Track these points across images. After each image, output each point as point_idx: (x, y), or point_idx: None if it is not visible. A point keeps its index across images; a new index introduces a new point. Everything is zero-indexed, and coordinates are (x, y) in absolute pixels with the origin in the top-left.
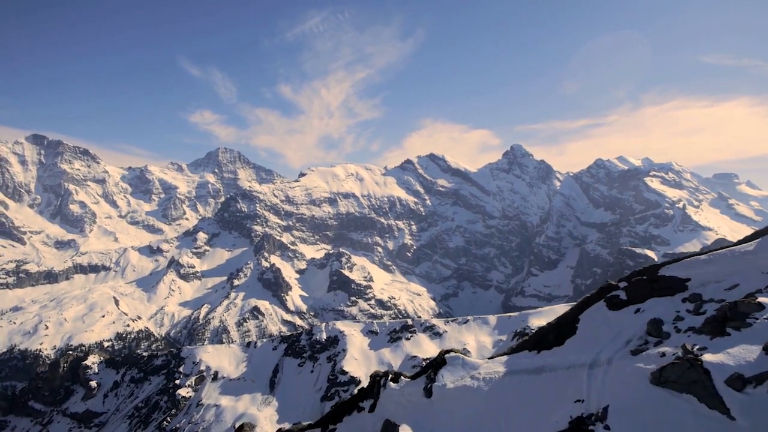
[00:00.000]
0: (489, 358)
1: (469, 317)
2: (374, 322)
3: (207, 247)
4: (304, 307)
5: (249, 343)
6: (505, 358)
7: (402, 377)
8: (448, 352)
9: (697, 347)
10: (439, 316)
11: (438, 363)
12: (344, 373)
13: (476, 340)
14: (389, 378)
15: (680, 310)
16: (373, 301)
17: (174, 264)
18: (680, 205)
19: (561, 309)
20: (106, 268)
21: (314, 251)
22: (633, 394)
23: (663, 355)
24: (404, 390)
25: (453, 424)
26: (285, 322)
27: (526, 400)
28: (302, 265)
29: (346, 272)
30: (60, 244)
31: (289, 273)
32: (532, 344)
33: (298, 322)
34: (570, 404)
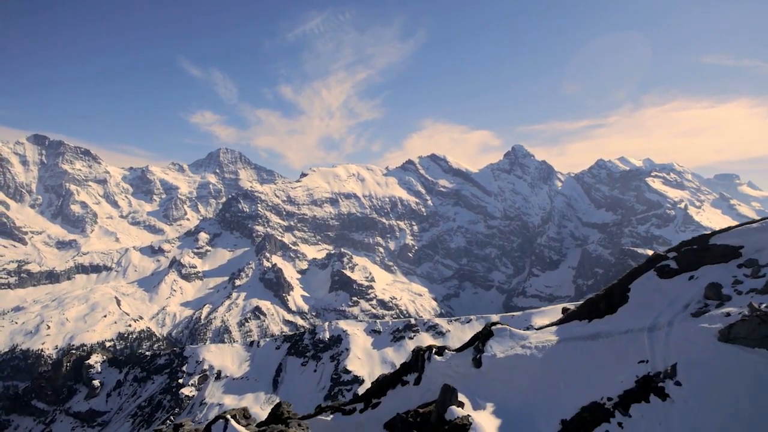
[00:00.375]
0: (537, 329)
1: (472, 316)
2: (377, 321)
3: (208, 248)
4: (305, 308)
5: (252, 343)
6: (554, 328)
7: (446, 350)
8: (494, 324)
9: (764, 305)
10: (440, 316)
11: (485, 335)
12: (348, 372)
13: None
14: (433, 351)
15: (737, 275)
16: (374, 302)
17: (175, 264)
18: (682, 205)
19: None
20: (108, 268)
21: (316, 251)
22: (701, 351)
23: (728, 314)
24: (451, 362)
25: (510, 391)
26: (286, 322)
27: (585, 364)
28: (304, 266)
29: (347, 272)
30: (61, 245)
31: (290, 273)
32: (582, 314)
33: (300, 322)
34: (633, 365)
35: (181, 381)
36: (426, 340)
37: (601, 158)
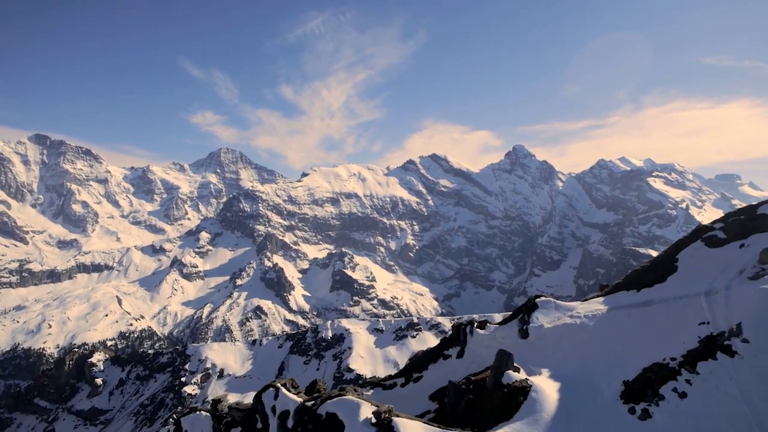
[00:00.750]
0: (582, 301)
1: (474, 315)
2: (380, 320)
3: (210, 247)
4: (306, 307)
5: (254, 341)
6: (601, 299)
7: (488, 324)
8: (538, 296)
9: None
10: (441, 315)
11: (529, 307)
12: (350, 370)
13: None
14: (475, 325)
15: None
16: (375, 301)
17: (177, 263)
18: (683, 205)
19: None
20: (109, 268)
21: (317, 251)
22: (765, 310)
23: None
24: (495, 334)
25: (563, 358)
26: (288, 322)
27: (641, 329)
28: (305, 265)
29: (348, 272)
30: (62, 244)
31: (291, 273)
32: (629, 285)
33: (301, 321)
34: (694, 327)
35: (183, 379)
36: (429, 338)
37: (602, 158)
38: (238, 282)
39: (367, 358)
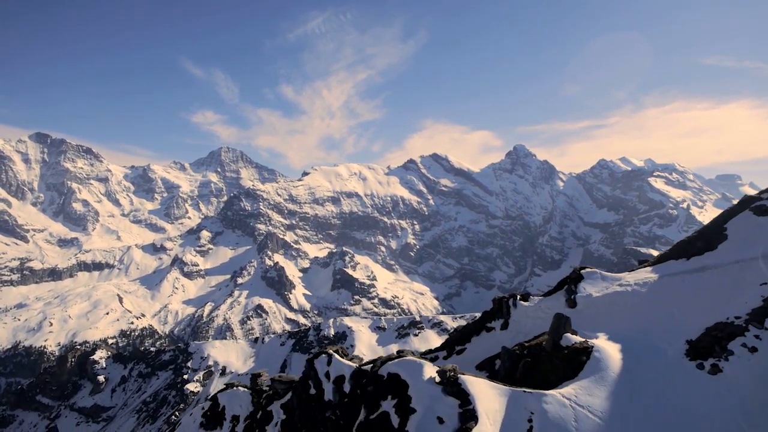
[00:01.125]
0: (630, 271)
1: (477, 314)
2: (382, 318)
3: (210, 246)
4: (307, 306)
5: (257, 339)
6: (649, 268)
7: (531, 296)
8: (583, 268)
9: None
10: (442, 315)
11: (574, 278)
12: None
13: None
14: (518, 298)
15: None
16: (376, 300)
17: (178, 262)
18: (684, 205)
19: None
20: (110, 266)
21: (317, 250)
22: None
23: None
24: (541, 305)
25: (617, 323)
26: (288, 321)
27: (697, 293)
28: (305, 264)
29: (349, 271)
30: (63, 242)
31: (292, 271)
32: (678, 254)
33: (302, 320)
34: (755, 287)
35: (186, 377)
36: (431, 337)
37: (603, 158)
38: (239, 281)
39: (369, 356)
